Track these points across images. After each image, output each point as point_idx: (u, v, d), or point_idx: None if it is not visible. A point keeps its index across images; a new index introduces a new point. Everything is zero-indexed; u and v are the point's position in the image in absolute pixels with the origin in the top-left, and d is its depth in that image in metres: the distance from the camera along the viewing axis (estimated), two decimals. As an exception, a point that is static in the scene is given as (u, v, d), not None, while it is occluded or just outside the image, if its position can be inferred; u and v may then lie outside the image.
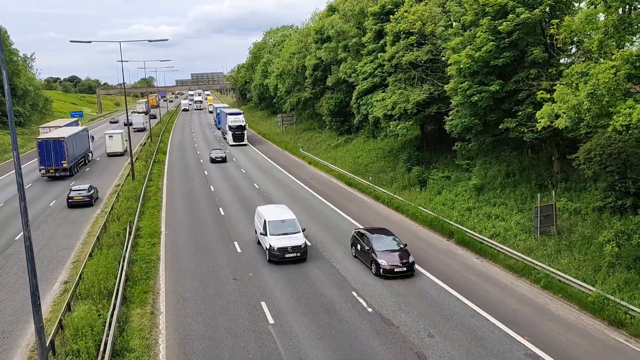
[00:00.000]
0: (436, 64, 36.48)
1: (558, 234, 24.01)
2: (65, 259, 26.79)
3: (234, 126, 70.71)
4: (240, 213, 34.58)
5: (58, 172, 47.69)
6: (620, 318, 17.89)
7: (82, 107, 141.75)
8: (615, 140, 22.78)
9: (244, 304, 20.47)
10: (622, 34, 19.65)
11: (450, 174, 35.44)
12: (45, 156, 46.90)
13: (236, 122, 70.65)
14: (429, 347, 16.93)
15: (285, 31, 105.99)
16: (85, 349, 16.23)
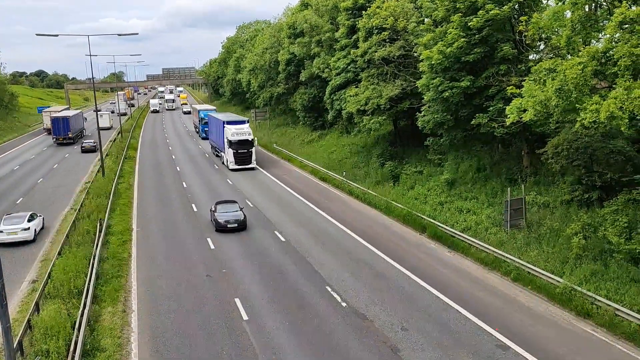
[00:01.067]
0: (408, 60, 36.75)
1: (527, 227, 24.49)
2: (33, 257, 26.21)
3: (236, 141, 47.58)
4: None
5: (65, 140, 68.08)
6: (587, 308, 18.37)
7: (49, 102, 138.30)
8: (581, 135, 23.32)
9: (218, 301, 20.36)
10: (588, 31, 20.10)
11: (422, 169, 35.80)
12: (56, 128, 66.90)
13: (240, 136, 47.87)
14: (402, 340, 17.11)
15: (258, 26, 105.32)
16: (55, 349, 15.93)
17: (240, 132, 48.09)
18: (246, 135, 48.07)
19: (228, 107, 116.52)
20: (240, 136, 47.74)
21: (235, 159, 47.77)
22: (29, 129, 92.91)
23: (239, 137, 47.73)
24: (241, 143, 47.86)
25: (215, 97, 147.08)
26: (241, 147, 47.72)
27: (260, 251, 25.96)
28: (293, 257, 25.07)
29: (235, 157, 47.74)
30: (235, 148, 47.60)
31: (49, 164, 54.07)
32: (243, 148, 47.82)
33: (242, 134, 48.05)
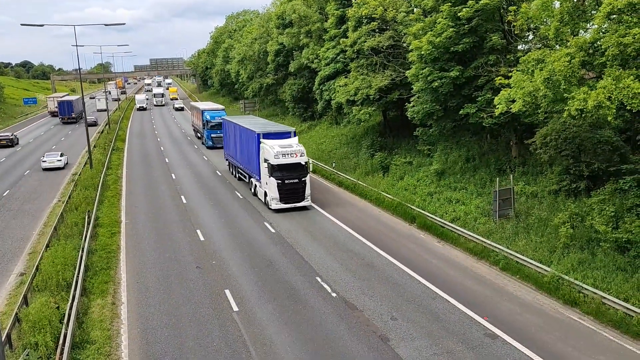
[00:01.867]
0: (398, 50, 36.70)
1: (516, 217, 24.67)
2: (21, 250, 26.00)
3: (282, 166, 31.06)
4: (203, 201, 34.20)
5: (70, 120, 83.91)
6: (574, 297, 18.58)
7: (35, 93, 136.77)
8: (569, 125, 23.46)
9: (208, 292, 20.34)
10: (576, 22, 20.17)
11: (412, 160, 35.88)
12: (62, 110, 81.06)
13: (288, 157, 31.05)
14: (392, 329, 17.21)
15: (247, 16, 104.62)
16: (44, 342, 15.84)
17: (289, 152, 30.81)
18: (297, 155, 30.95)
19: (217, 98, 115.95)
20: (288, 158, 30.64)
21: (281, 194, 30.85)
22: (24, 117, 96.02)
23: (287, 159, 30.68)
24: (290, 168, 30.89)
25: (204, 88, 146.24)
26: (290, 174, 30.86)
27: (249, 242, 25.94)
28: (282, 247, 25.08)
29: (280, 190, 30.75)
30: (281, 176, 30.67)
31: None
32: (293, 176, 30.87)
33: (291, 154, 30.78)
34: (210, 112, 56.40)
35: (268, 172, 30.98)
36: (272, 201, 31.04)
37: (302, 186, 31.19)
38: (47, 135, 72.06)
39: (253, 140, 33.73)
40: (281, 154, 30.49)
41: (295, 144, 31.93)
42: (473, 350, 15.95)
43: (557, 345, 16.10)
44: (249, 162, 35.44)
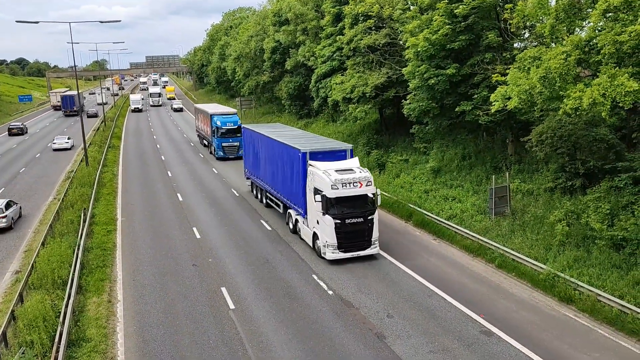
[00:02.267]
0: (394, 48, 36.68)
1: (512, 215, 24.72)
2: (17, 248, 25.92)
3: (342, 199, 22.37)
4: (199, 199, 34.16)
5: (72, 112, 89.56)
6: (570, 294, 18.65)
7: (30, 90, 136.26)
8: (565, 123, 23.52)
9: (204, 290, 20.33)
10: (572, 19, 20.19)
11: (408, 157, 35.91)
12: (65, 103, 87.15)
13: (349, 188, 22.34)
14: (388, 327, 17.24)
15: (243, 13, 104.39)
16: (39, 340, 15.79)
17: (351, 180, 22.36)
18: (363, 185, 22.50)
19: (213, 96, 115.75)
20: (350, 188, 22.30)
21: (341, 239, 22.42)
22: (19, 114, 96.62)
23: (349, 189, 22.31)
24: (353, 203, 22.57)
25: (200, 85, 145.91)
26: (353, 211, 22.47)
27: (245, 240, 25.92)
28: (279, 245, 25.07)
29: (339, 234, 22.32)
30: (340, 214, 22.28)
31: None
32: (356, 213, 22.52)
33: (354, 183, 22.36)
34: (220, 117, 48.29)
35: (322, 208, 21.98)
36: (327, 248, 22.40)
37: (369, 227, 22.44)
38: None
39: (295, 161, 25.06)
40: (340, 182, 21.88)
41: (357, 167, 23.37)
42: (469, 347, 15.99)
43: (553, 343, 16.16)
44: (288, 190, 26.79)
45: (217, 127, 47.13)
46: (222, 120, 47.64)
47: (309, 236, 24.34)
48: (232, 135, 46.93)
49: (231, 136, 47.05)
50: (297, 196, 25.37)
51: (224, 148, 47.16)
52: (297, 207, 25.70)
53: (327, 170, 22.89)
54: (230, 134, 47.07)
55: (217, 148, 47.43)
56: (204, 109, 53.98)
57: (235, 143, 46.65)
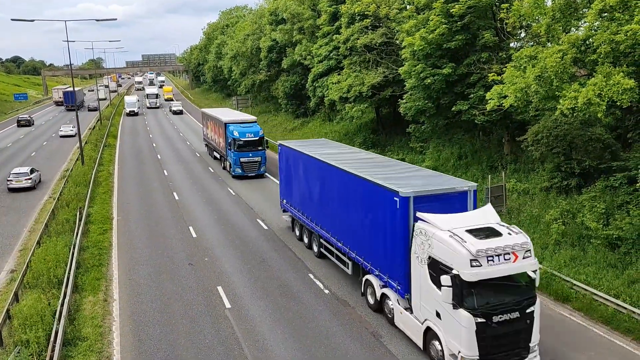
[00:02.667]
0: (391, 47, 36.72)
1: (508, 214, 24.78)
2: (12, 247, 25.83)
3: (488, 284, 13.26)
4: (195, 197, 34.11)
5: (73, 107, 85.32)
6: (566, 293, 18.70)
7: (26, 89, 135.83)
8: (561, 123, 23.59)
9: (200, 289, 20.30)
10: (568, 19, 20.26)
11: (404, 157, 35.92)
12: (67, 99, 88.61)
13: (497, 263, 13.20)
14: (384, 326, 17.23)
15: (239, 12, 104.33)
16: (35, 339, 15.73)
17: (501, 248, 13.48)
18: (518, 258, 13.68)
19: (209, 95, 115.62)
20: (500, 264, 13.43)
21: (485, 347, 13.43)
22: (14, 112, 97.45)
23: (498, 266, 13.42)
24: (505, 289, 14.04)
25: (197, 84, 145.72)
26: (506, 304, 13.75)
27: (242, 239, 25.89)
28: (275, 244, 25.05)
29: (482, 338, 13.31)
30: (486, 310, 13.46)
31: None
32: (511, 305, 13.79)
33: (506, 254, 13.53)
34: (237, 126, 40.06)
35: (452, 298, 13.42)
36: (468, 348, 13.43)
37: (527, 326, 14.00)
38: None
39: (389, 209, 16.29)
40: (486, 255, 13.26)
41: (498, 223, 14.77)
42: (465, 346, 15.97)
43: (548, 342, 16.19)
44: (367, 246, 18.19)
45: (234, 138, 38.72)
46: (240, 130, 39.06)
47: (417, 331, 15.33)
48: (253, 149, 38.86)
49: (251, 150, 38.82)
50: (388, 261, 16.57)
51: (243, 164, 38.63)
52: (388, 276, 16.78)
53: (456, 231, 13.92)
54: (251, 147, 38.83)
55: (234, 164, 38.88)
56: (216, 116, 44.71)
57: (256, 158, 38.80)
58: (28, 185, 36.57)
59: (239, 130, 39.22)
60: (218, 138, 44.02)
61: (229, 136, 39.87)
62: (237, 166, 38.84)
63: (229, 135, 39.87)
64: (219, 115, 44.28)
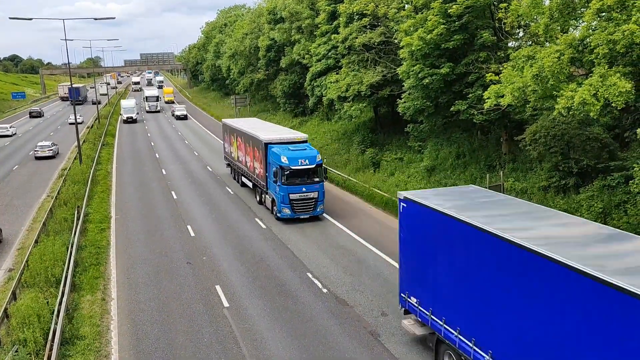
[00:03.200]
0: (389, 46, 36.74)
1: (505, 213, 24.76)
2: (10, 246, 25.81)
3: None
4: (193, 196, 34.11)
5: (77, 102, 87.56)
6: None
7: (24, 87, 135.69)
8: (559, 122, 23.63)
9: (199, 288, 20.31)
10: (566, 18, 20.28)
11: (402, 156, 36.00)
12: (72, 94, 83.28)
13: None
14: (382, 325, 17.28)
15: (238, 11, 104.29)
16: (33, 338, 15.73)
17: None
18: None
19: (207, 93, 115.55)
20: None
21: None
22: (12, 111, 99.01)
23: None
24: None
25: (195, 83, 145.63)
26: None
27: (240, 238, 25.91)
28: (273, 243, 25.07)
29: None
30: None
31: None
32: None
33: None
34: (286, 148, 28.74)
35: None
36: None
37: None
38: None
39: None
40: None
41: None
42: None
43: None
44: None
45: (282, 166, 27.44)
46: (290, 155, 27.76)
47: None
48: (308, 181, 27.88)
49: (305, 182, 27.79)
50: None
51: (294, 203, 27.66)
52: None
53: None
54: (305, 179, 27.83)
55: (281, 202, 27.70)
56: (248, 131, 33.17)
57: (311, 194, 27.81)
58: (50, 155, 47.77)
59: (289, 154, 27.80)
60: (251, 161, 32.76)
61: (272, 162, 28.49)
62: (284, 205, 27.73)
63: (272, 160, 28.46)
64: (253, 131, 32.62)
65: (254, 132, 32.16)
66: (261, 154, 30.23)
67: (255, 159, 31.97)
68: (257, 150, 31.24)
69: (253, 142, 32.06)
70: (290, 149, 28.69)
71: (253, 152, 32.21)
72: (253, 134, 32.13)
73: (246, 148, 33.89)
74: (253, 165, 32.51)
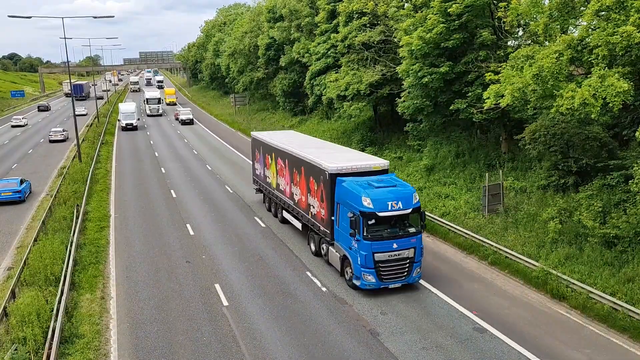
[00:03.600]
0: (389, 45, 36.70)
1: (505, 212, 24.83)
2: (9, 244, 25.79)
3: None
4: (193, 195, 34.09)
5: (81, 97, 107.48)
6: (562, 291, 18.76)
7: (23, 86, 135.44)
8: (558, 121, 23.64)
9: (198, 287, 20.31)
10: (565, 18, 20.28)
11: (402, 155, 35.98)
12: (75, 90, 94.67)
13: None
14: (381, 324, 17.29)
15: (237, 10, 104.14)
16: (32, 336, 15.73)
17: None
18: None
19: (207, 92, 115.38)
20: None
21: None
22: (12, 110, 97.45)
23: None
24: None
25: (194, 81, 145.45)
26: None
27: (239, 236, 25.90)
28: (272, 242, 25.07)
29: None
30: None
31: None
32: None
33: None
34: (363, 183, 19.87)
35: None
36: None
37: None
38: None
39: None
40: None
41: None
42: (461, 344, 16.06)
43: (544, 339, 16.27)
44: None
45: (364, 211, 18.81)
46: (375, 195, 19.01)
47: None
48: (400, 233, 19.37)
49: (398, 235, 19.31)
50: None
51: (381, 267, 19.12)
52: None
53: None
54: (397, 230, 19.38)
55: (362, 264, 19.05)
56: (298, 154, 24.27)
57: (405, 252, 19.32)
58: (62, 139, 56.78)
59: (373, 194, 18.90)
60: (303, 195, 23.80)
61: (345, 203, 19.84)
62: (367, 270, 18.98)
63: (346, 201, 19.79)
64: (307, 154, 23.45)
65: (309, 156, 22.87)
66: (323, 188, 21.13)
67: (311, 193, 22.72)
68: (314, 181, 22.13)
69: (308, 170, 22.84)
70: (373, 184, 19.34)
71: (307, 184, 23.00)
72: (307, 158, 22.93)
73: (293, 175, 24.78)
74: (306, 201, 23.29)
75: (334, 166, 20.97)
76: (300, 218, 24.79)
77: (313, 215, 22.84)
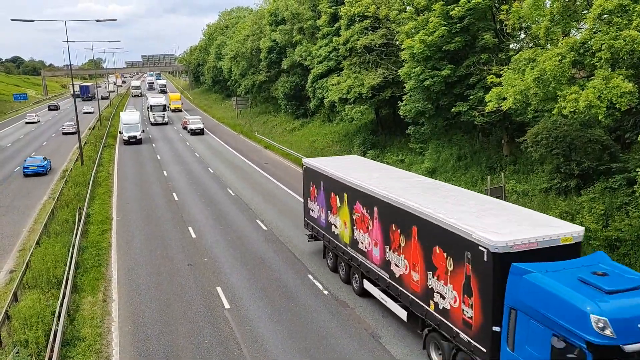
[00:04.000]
0: (390, 48, 36.76)
1: (507, 215, 24.74)
2: (11, 247, 25.84)
3: None
4: (194, 197, 34.12)
5: (87, 98, 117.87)
6: (564, 294, 18.67)
7: (26, 89, 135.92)
8: (560, 124, 23.61)
9: (200, 290, 20.31)
10: (567, 21, 20.26)
11: (404, 158, 35.97)
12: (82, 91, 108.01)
13: None
14: (383, 327, 17.26)
15: (239, 13, 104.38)
16: (34, 339, 15.74)
17: None
18: None
19: (209, 95, 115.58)
20: None
21: None
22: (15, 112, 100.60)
23: None
24: None
25: (196, 84, 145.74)
26: None
27: (241, 239, 25.91)
28: (275, 245, 25.07)
29: None
30: None
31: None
32: None
33: None
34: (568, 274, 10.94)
35: None
36: None
37: None
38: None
39: None
40: None
41: None
42: (464, 347, 15.98)
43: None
44: None
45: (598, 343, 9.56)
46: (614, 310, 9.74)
47: None
48: None
49: None
50: None
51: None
52: None
53: None
54: None
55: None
56: (405, 205, 15.16)
57: None
58: (73, 131, 60.54)
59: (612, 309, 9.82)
60: (423, 273, 14.61)
61: (536, 313, 10.87)
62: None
63: (539, 311, 10.82)
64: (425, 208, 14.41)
65: (428, 211, 14.27)
66: (473, 274, 12.51)
67: (435, 273, 14.06)
68: (446, 256, 13.49)
69: (428, 234, 14.25)
70: (600, 284, 10.55)
71: (427, 255, 14.34)
72: (426, 213, 14.27)
73: (389, 234, 16.39)
74: (424, 282, 14.67)
75: (502, 240, 11.79)
76: (403, 300, 16.01)
77: (442, 310, 13.89)
